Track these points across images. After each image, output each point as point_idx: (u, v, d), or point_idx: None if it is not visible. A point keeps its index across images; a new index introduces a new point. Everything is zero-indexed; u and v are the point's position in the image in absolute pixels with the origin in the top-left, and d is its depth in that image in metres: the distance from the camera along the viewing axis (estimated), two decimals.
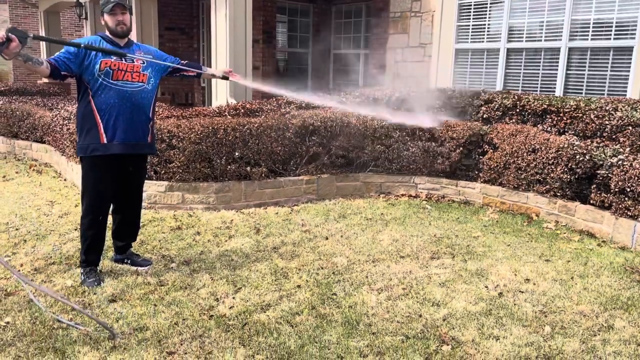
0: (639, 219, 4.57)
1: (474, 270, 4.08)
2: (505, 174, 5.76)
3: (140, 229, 4.27)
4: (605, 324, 3.28)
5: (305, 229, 5.04)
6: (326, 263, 4.19)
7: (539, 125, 6.03)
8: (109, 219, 3.91)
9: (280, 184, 5.92)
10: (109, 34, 3.70)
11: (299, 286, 3.74)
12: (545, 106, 6.00)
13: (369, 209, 5.78)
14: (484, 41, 8.01)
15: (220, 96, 7.79)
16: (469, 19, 8.14)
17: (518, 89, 7.60)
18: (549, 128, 5.96)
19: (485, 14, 7.94)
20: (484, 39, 8.01)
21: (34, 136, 8.36)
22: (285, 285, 3.76)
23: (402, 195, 6.37)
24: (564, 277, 3.98)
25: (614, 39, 6.65)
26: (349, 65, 10.73)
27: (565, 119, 5.84)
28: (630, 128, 5.37)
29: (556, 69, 7.21)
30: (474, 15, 8.08)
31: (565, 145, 5.14)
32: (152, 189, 5.52)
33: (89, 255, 3.76)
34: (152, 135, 3.90)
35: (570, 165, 5.07)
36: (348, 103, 6.74)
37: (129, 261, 4.06)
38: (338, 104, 6.50)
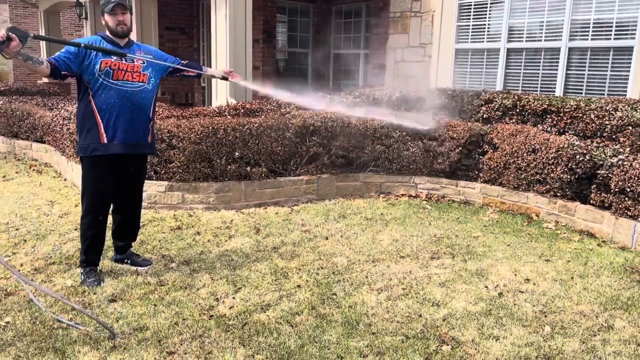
0: (639, 219, 4.57)
1: (474, 270, 4.08)
2: (505, 174, 5.75)
3: (140, 229, 4.27)
4: (605, 324, 3.28)
5: (305, 229, 5.04)
6: (326, 263, 4.19)
7: (539, 125, 6.04)
8: (109, 218, 3.91)
9: (280, 184, 5.92)
10: (109, 34, 3.70)
11: (299, 286, 3.74)
12: (546, 106, 6.00)
13: (369, 209, 5.78)
14: (484, 41, 8.00)
15: (220, 96, 7.79)
16: (469, 19, 8.14)
17: (518, 89, 7.59)
18: (549, 128, 5.96)
19: (485, 14, 7.94)
20: (484, 39, 8.00)
21: (34, 136, 8.36)
22: (285, 285, 3.77)
23: (402, 195, 6.37)
24: (564, 277, 3.98)
25: (614, 39, 6.64)
26: (349, 65, 10.73)
27: (565, 119, 5.85)
28: (630, 128, 5.37)
29: (556, 69, 7.21)
30: (474, 15, 8.08)
31: (565, 145, 5.14)
32: (152, 188, 5.52)
33: (89, 255, 3.76)
34: (153, 135, 3.90)
35: (570, 165, 5.07)
36: (348, 103, 6.74)
37: (129, 261, 4.06)
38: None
